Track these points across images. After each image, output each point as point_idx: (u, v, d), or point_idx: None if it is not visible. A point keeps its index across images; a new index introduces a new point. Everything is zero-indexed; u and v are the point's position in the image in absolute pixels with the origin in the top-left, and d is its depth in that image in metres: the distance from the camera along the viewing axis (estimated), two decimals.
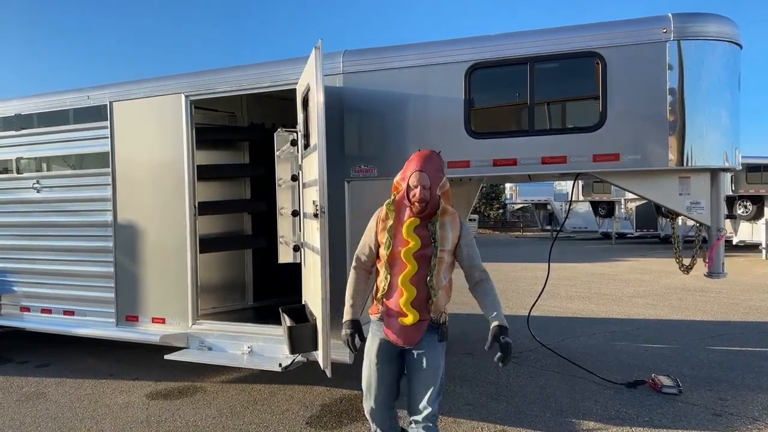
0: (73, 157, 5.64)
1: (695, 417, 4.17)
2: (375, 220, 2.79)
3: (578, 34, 3.91)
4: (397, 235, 2.66)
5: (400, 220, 2.69)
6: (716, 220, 3.91)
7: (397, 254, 2.65)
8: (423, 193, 2.63)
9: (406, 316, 2.64)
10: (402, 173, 2.75)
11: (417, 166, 2.67)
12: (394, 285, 2.66)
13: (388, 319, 2.70)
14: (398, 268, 2.65)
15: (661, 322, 7.63)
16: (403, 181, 2.71)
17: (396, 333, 2.68)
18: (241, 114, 6.42)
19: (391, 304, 2.68)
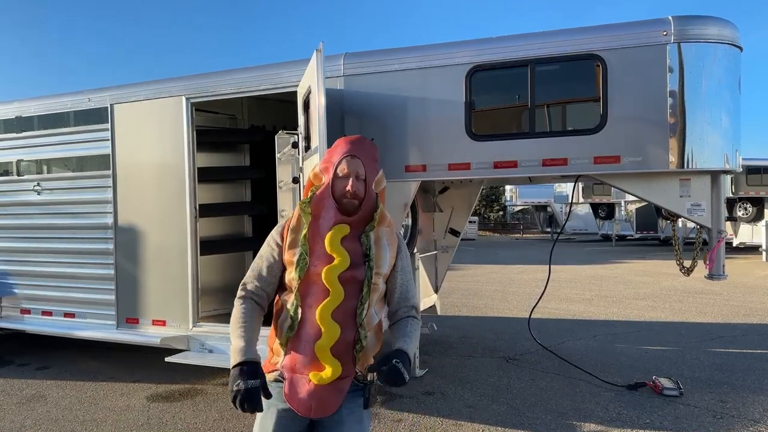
0: (73, 160, 5.64)
1: (696, 419, 4.16)
2: (279, 232, 1.93)
3: (579, 36, 3.92)
4: (315, 249, 1.84)
5: (318, 228, 1.87)
6: (717, 222, 3.91)
7: (314, 276, 1.82)
8: (356, 185, 1.89)
9: (323, 368, 1.79)
10: (324, 162, 1.95)
11: (347, 150, 1.92)
12: (307, 321, 1.81)
13: (292, 377, 1.82)
14: (315, 297, 1.81)
15: (662, 324, 7.63)
16: (326, 172, 1.92)
17: (305, 397, 1.79)
18: (242, 116, 6.43)
19: (300, 350, 1.81)
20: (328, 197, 1.89)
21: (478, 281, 12.27)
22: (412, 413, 4.32)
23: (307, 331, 1.81)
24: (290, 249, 1.87)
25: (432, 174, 4.19)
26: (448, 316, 8.01)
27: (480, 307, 9.05)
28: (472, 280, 12.37)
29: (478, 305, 9.18)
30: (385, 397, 4.67)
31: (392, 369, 1.73)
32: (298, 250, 1.85)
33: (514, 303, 9.32)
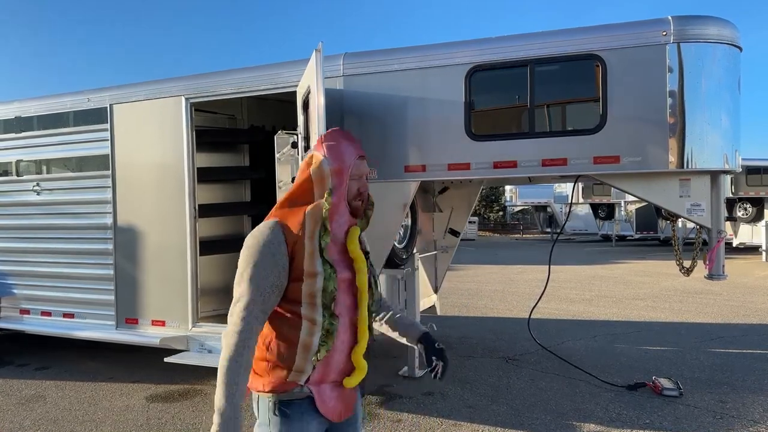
0: (73, 160, 5.64)
1: (696, 419, 4.16)
2: (282, 242, 1.70)
3: (578, 36, 3.92)
4: (334, 257, 1.79)
5: (333, 233, 1.80)
6: (716, 222, 3.91)
7: (343, 284, 1.78)
8: (367, 186, 1.90)
9: (351, 374, 1.81)
10: (336, 164, 1.80)
11: (356, 151, 1.85)
12: (342, 330, 1.77)
13: (322, 388, 1.77)
14: (343, 305, 1.78)
15: (662, 324, 7.63)
16: (340, 175, 1.80)
17: (336, 403, 1.80)
18: (242, 116, 6.43)
19: (333, 361, 1.77)
20: (343, 201, 1.81)
21: (477, 281, 12.26)
22: (412, 414, 4.32)
23: (341, 339, 1.77)
24: (310, 259, 1.71)
25: (431, 174, 4.19)
26: (447, 317, 8.01)
27: (480, 307, 9.04)
28: (472, 281, 12.36)
29: (478, 305, 9.18)
30: (384, 398, 4.67)
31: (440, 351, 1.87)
32: (319, 260, 1.71)
33: (514, 303, 9.32)
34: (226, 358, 1.62)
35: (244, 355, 1.63)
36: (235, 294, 1.69)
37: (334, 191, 1.78)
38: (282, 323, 1.75)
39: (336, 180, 1.78)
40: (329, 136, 1.86)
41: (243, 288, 1.67)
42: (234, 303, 1.68)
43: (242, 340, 1.62)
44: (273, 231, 1.70)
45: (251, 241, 1.70)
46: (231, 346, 1.62)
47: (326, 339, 1.73)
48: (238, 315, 1.65)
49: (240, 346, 1.62)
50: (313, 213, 1.74)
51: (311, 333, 1.71)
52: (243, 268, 1.68)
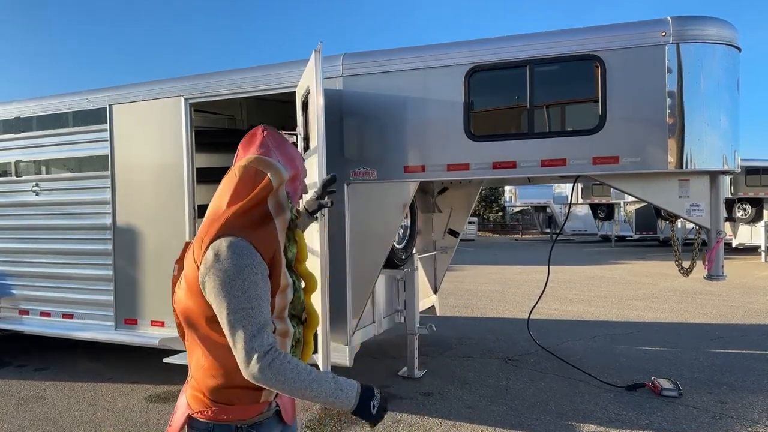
0: (72, 160, 5.64)
1: (695, 420, 4.16)
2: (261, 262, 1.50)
3: (578, 37, 3.92)
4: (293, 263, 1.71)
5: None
6: (715, 223, 3.91)
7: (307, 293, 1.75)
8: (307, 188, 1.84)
9: None
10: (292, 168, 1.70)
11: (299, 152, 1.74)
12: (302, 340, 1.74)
13: (283, 398, 1.71)
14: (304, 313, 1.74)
15: (661, 324, 7.63)
16: (294, 180, 1.71)
17: (291, 407, 1.78)
18: (241, 117, 6.43)
19: None
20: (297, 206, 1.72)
21: (477, 282, 12.26)
22: (411, 414, 4.32)
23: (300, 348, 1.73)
24: (284, 272, 1.59)
25: (431, 174, 4.19)
26: (447, 317, 8.01)
27: (479, 307, 9.04)
28: (472, 281, 12.36)
29: (477, 306, 9.18)
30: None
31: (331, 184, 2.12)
32: (286, 271, 1.61)
33: (514, 304, 9.32)
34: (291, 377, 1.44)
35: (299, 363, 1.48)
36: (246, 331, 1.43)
37: (292, 198, 1.69)
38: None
39: (291, 186, 1.69)
40: (273, 139, 1.71)
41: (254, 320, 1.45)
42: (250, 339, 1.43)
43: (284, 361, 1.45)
44: (249, 251, 1.48)
45: (234, 270, 1.44)
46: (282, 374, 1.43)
47: (296, 349, 1.68)
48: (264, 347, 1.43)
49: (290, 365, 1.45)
50: (282, 224, 1.62)
51: (284, 345, 1.62)
52: (243, 302, 1.44)
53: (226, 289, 1.44)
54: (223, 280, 1.44)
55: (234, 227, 1.51)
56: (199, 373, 1.58)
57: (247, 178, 1.59)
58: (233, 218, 1.53)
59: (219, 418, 1.56)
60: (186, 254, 1.61)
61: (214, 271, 1.45)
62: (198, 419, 1.59)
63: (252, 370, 1.43)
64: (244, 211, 1.55)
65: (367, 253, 4.39)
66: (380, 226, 4.38)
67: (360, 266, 4.40)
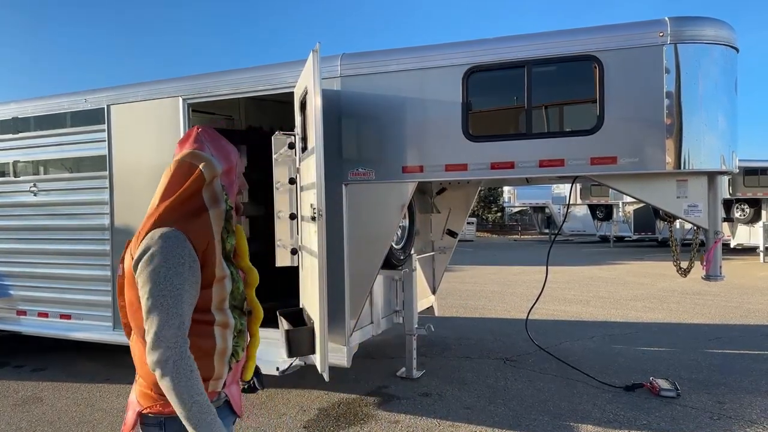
0: (70, 161, 5.63)
1: (693, 420, 4.16)
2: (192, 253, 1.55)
3: (575, 37, 3.92)
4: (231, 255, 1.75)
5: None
6: (714, 223, 3.91)
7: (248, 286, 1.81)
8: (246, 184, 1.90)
9: (247, 367, 1.86)
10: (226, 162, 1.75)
11: (234, 148, 1.82)
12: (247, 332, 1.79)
13: (231, 389, 1.75)
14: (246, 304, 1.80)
15: (659, 325, 7.63)
16: (229, 174, 1.76)
17: (239, 398, 1.81)
18: (239, 117, 6.42)
19: (242, 361, 1.79)
20: (234, 199, 1.79)
21: (476, 282, 12.26)
22: (409, 414, 4.32)
23: (246, 341, 1.78)
24: (219, 263, 1.63)
25: (429, 175, 4.19)
26: (445, 318, 8.01)
27: (478, 308, 9.04)
28: (470, 282, 12.36)
29: (476, 306, 9.18)
30: (381, 399, 4.66)
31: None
32: (224, 263, 1.65)
33: (512, 304, 9.32)
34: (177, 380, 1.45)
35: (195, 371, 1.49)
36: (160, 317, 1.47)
37: (228, 191, 1.73)
38: (194, 335, 1.57)
39: (226, 180, 1.73)
40: (207, 134, 1.76)
41: (171, 310, 1.48)
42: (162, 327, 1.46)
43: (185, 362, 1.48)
44: (180, 242, 1.53)
45: (160, 258, 1.49)
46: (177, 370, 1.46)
47: (239, 340, 1.71)
48: (169, 338, 1.46)
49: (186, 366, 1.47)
50: (217, 216, 1.65)
51: (225, 337, 1.65)
52: (162, 288, 1.47)
53: (151, 276, 1.48)
54: (149, 267, 1.49)
55: (168, 219, 1.57)
56: (144, 369, 1.60)
57: (180, 172, 1.64)
58: (167, 211, 1.58)
59: (167, 411, 1.56)
60: (126, 251, 1.65)
61: (144, 259, 1.50)
62: (148, 415, 1.63)
63: (153, 357, 1.46)
64: (178, 204, 1.60)
65: (366, 253, 4.38)
66: (378, 227, 4.37)
67: (358, 267, 4.40)
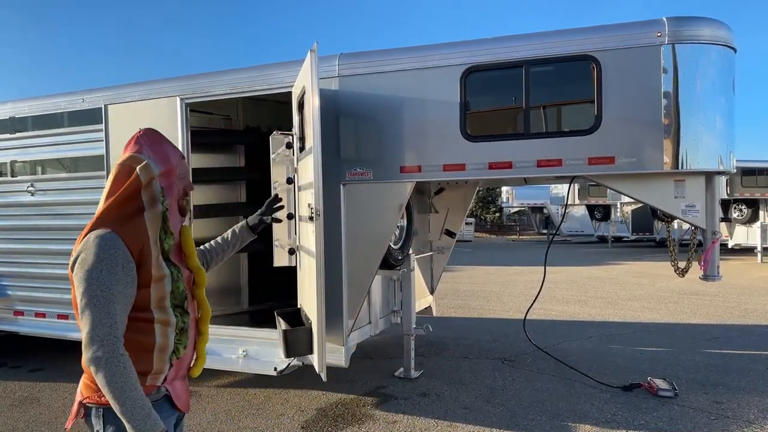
0: (67, 160, 5.61)
1: (691, 420, 4.17)
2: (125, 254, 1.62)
3: (573, 37, 3.92)
4: (173, 255, 1.81)
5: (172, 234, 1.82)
6: (711, 223, 3.91)
7: (191, 284, 1.87)
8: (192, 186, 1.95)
9: (195, 364, 1.92)
10: (164, 164, 1.79)
11: (178, 152, 1.87)
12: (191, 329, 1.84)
13: (175, 385, 1.82)
14: (192, 304, 1.87)
15: (657, 325, 7.64)
16: (170, 176, 1.80)
17: (185, 394, 1.88)
18: (237, 117, 6.41)
19: (185, 358, 1.83)
20: (175, 201, 1.83)
21: (474, 283, 12.27)
22: (407, 414, 4.31)
23: (190, 338, 1.83)
24: (157, 263, 1.70)
25: (427, 175, 4.19)
26: (443, 318, 8.01)
27: (476, 308, 9.04)
28: (468, 282, 12.37)
29: (474, 306, 9.18)
30: (379, 399, 4.66)
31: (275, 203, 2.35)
32: (163, 263, 1.72)
33: (510, 304, 9.32)
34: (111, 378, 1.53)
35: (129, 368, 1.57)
36: (93, 317, 1.55)
37: (166, 193, 1.77)
38: (134, 331, 1.66)
39: (165, 182, 1.77)
40: (148, 137, 1.82)
41: (97, 309, 1.55)
42: (95, 326, 1.54)
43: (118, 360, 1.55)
44: (113, 243, 1.60)
45: (93, 259, 1.56)
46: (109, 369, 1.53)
47: (181, 337, 1.78)
48: (102, 336, 1.54)
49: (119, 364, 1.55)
50: (153, 217, 1.72)
51: (166, 334, 1.73)
52: (95, 289, 1.55)
53: (84, 277, 1.56)
54: (83, 269, 1.57)
55: (105, 221, 1.66)
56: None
57: (120, 175, 1.72)
58: (106, 212, 1.68)
59: (104, 401, 1.62)
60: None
61: (79, 261, 1.59)
62: (89, 405, 1.69)
63: (87, 355, 1.54)
64: (115, 205, 1.69)
65: (364, 253, 4.38)
66: (376, 227, 4.37)
67: (356, 267, 4.39)
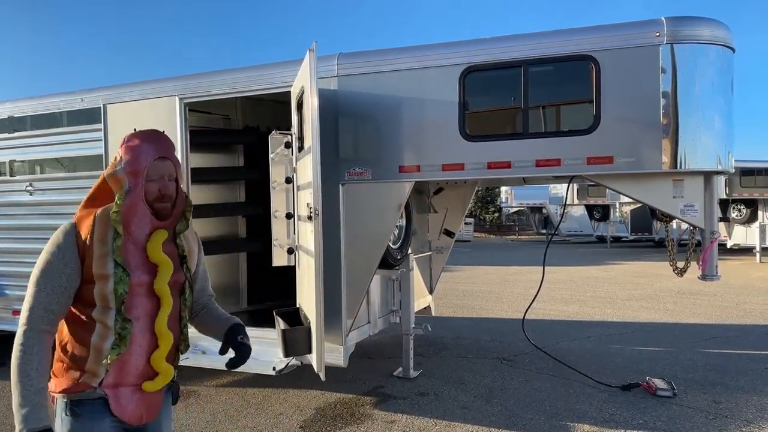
0: (66, 160, 5.61)
1: (690, 419, 4.17)
2: (72, 244, 1.73)
3: (572, 37, 3.93)
4: (130, 259, 1.76)
5: (131, 236, 1.77)
6: (710, 223, 3.92)
7: (136, 287, 1.77)
8: (170, 187, 1.84)
9: (154, 378, 1.82)
10: (130, 165, 1.78)
11: (155, 152, 1.81)
12: (136, 334, 1.77)
13: (117, 391, 1.77)
14: (142, 308, 1.78)
15: (656, 324, 7.64)
16: (135, 176, 1.77)
17: (136, 407, 1.80)
18: (236, 117, 6.41)
19: (130, 364, 1.77)
20: (140, 203, 1.77)
21: (473, 282, 12.27)
22: (406, 414, 4.31)
23: (138, 343, 1.77)
24: (100, 262, 1.71)
25: (426, 174, 4.19)
26: (442, 317, 8.00)
27: (475, 308, 9.05)
28: (467, 282, 12.37)
29: (473, 306, 9.18)
30: (378, 399, 4.66)
31: (246, 348, 1.88)
32: (111, 263, 1.71)
33: (509, 304, 9.33)
34: (14, 358, 1.69)
35: (32, 353, 1.67)
36: (25, 299, 1.71)
37: (130, 193, 1.76)
38: (76, 325, 1.76)
39: (132, 182, 1.77)
40: (130, 136, 1.84)
41: (29, 289, 1.71)
42: (23, 308, 1.71)
43: (27, 339, 1.68)
44: (65, 233, 1.75)
45: (48, 243, 1.76)
46: (17, 346, 1.69)
47: (119, 343, 1.73)
48: (23, 315, 1.70)
49: (26, 344, 1.68)
50: (102, 215, 1.75)
51: (103, 337, 1.72)
52: (34, 269, 1.72)
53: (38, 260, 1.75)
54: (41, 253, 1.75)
55: (77, 212, 1.83)
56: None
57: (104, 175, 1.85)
58: (81, 204, 1.85)
59: (50, 388, 1.75)
60: None
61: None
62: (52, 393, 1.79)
63: (18, 329, 1.72)
64: (87, 199, 1.85)
65: (362, 253, 4.38)
66: (375, 226, 4.37)
67: (355, 266, 4.39)
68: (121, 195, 1.75)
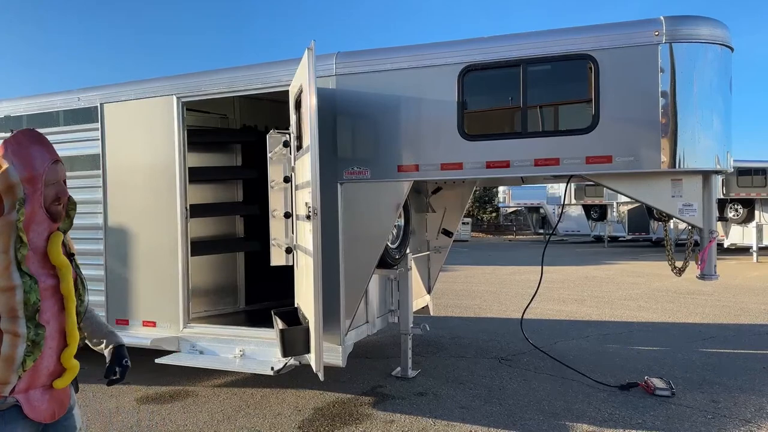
0: (63, 159, 5.56)
1: (688, 419, 4.17)
2: None
3: (571, 36, 3.92)
4: (33, 266, 1.73)
5: (30, 242, 1.73)
6: (708, 223, 3.92)
7: (47, 292, 1.75)
8: (66, 190, 1.82)
9: (62, 375, 1.86)
10: (27, 170, 1.71)
11: (50, 155, 1.77)
12: (50, 337, 1.77)
13: (30, 394, 1.77)
14: (51, 312, 1.77)
15: (654, 324, 7.65)
16: (32, 182, 1.71)
17: (47, 405, 1.82)
18: (234, 116, 6.40)
19: (41, 367, 1.77)
20: (39, 209, 1.73)
21: (471, 282, 12.27)
22: (405, 414, 4.30)
23: (49, 345, 1.77)
24: (5, 273, 1.66)
25: (425, 174, 4.18)
26: (440, 317, 8.00)
27: (473, 307, 9.04)
28: (465, 281, 12.37)
29: (471, 306, 9.18)
30: (377, 398, 4.65)
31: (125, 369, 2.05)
32: (15, 273, 1.67)
33: (507, 304, 9.33)
34: None
35: None
36: None
37: (28, 200, 1.70)
38: None
39: (29, 188, 1.70)
40: (15, 140, 1.74)
41: None
42: None
43: None
44: None
45: None
46: None
47: (33, 350, 1.72)
48: None
49: None
50: (4, 226, 1.67)
51: (14, 345, 1.68)
52: None
53: None
54: None
55: None
56: None
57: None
58: None
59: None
60: None
61: None
62: None
63: None
64: None
65: (361, 252, 4.37)
66: (374, 226, 4.36)
67: (353, 266, 4.38)
68: (21, 202, 1.68)
